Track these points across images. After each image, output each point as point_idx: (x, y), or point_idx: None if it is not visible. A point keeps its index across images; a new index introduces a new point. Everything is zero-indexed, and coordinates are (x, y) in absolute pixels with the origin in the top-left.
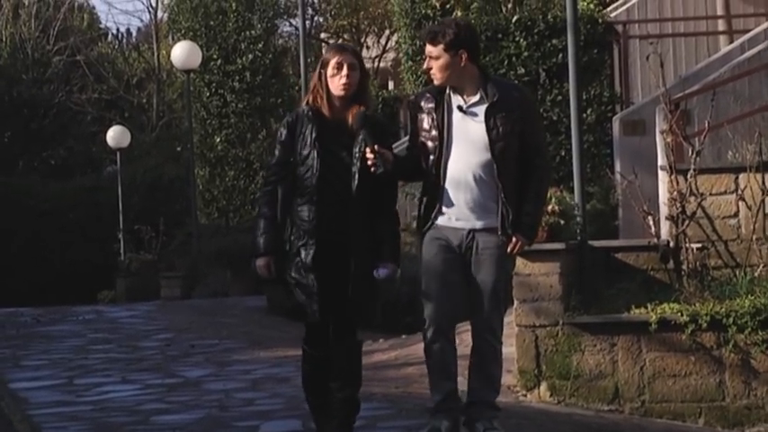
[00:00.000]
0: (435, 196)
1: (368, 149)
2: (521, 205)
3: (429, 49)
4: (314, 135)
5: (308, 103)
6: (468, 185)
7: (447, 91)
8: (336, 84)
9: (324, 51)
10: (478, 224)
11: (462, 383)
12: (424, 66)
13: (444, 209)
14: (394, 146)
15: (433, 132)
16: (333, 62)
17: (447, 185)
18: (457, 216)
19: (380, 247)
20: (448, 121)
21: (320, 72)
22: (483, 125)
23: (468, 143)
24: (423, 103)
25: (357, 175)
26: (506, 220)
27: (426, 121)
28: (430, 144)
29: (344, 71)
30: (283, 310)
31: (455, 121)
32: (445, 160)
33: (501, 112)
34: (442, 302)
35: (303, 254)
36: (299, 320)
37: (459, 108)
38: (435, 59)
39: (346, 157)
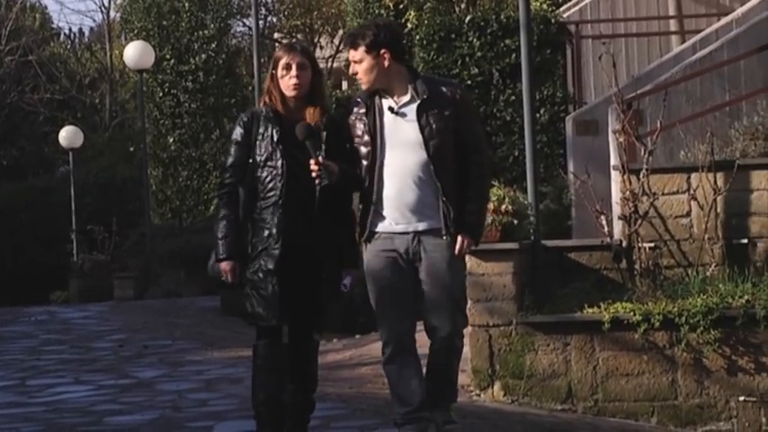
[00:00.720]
0: (372, 202)
1: (312, 161)
2: (463, 204)
3: (351, 53)
4: (276, 136)
5: (265, 103)
6: (407, 188)
7: (377, 95)
8: (286, 84)
9: (276, 51)
10: (421, 226)
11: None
12: (350, 71)
13: (384, 214)
14: None
15: (366, 138)
16: (282, 62)
17: (385, 190)
18: (397, 220)
19: (342, 253)
20: (380, 124)
21: (272, 72)
22: (415, 124)
23: (402, 145)
24: (355, 110)
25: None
26: (448, 219)
27: (358, 127)
28: (363, 150)
29: (293, 71)
30: (238, 311)
31: (387, 123)
32: (380, 164)
33: (432, 109)
34: (397, 319)
35: (265, 258)
36: (251, 324)
37: (390, 109)
38: (359, 63)
39: (305, 159)
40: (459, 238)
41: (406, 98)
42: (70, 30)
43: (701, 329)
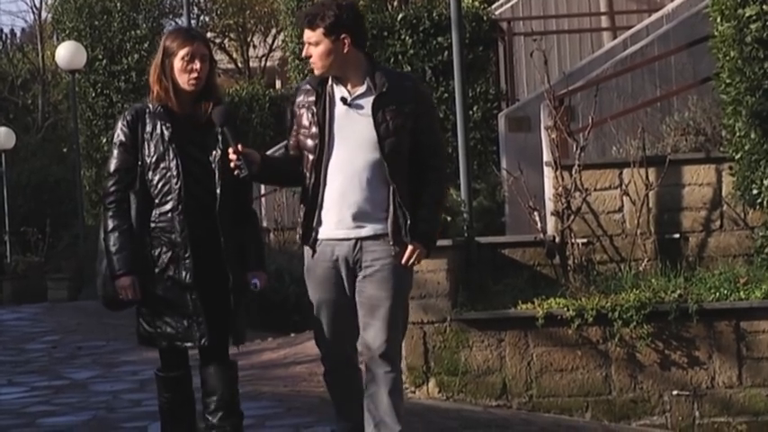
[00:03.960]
0: (315, 203)
1: (230, 150)
2: (416, 211)
3: (307, 34)
4: (167, 133)
5: (155, 98)
6: (353, 189)
7: (329, 82)
8: (186, 77)
9: (165, 38)
10: (363, 232)
11: None
12: (303, 53)
13: (326, 217)
14: (274, 149)
15: (313, 129)
16: (182, 53)
17: (328, 190)
18: (339, 224)
19: (247, 255)
20: (330, 115)
21: (163, 62)
22: (370, 119)
23: (353, 140)
24: (302, 97)
25: (219, 176)
26: (403, 227)
27: (306, 117)
28: (309, 142)
29: (196, 64)
30: (141, 338)
31: (338, 115)
32: (326, 160)
33: (391, 105)
34: (336, 335)
35: (175, 270)
36: (155, 346)
37: (343, 100)
38: (314, 46)
39: (203, 157)
40: (411, 247)
41: (362, 89)
42: (2, 31)
43: (634, 324)
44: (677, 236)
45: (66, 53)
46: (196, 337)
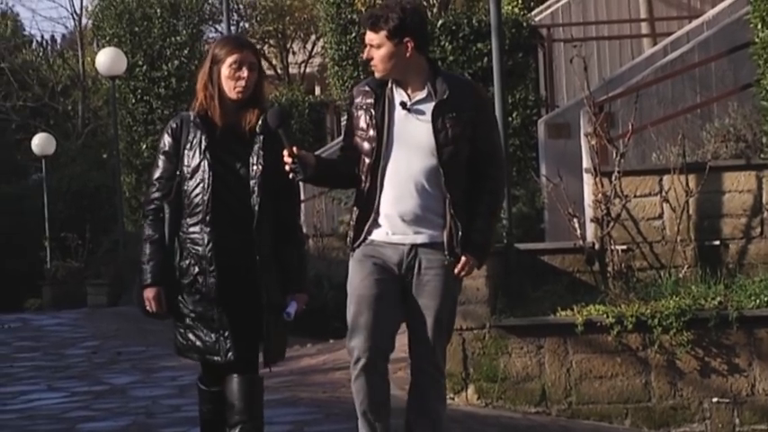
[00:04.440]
0: (370, 206)
1: (285, 152)
2: (470, 221)
3: (370, 36)
4: (204, 143)
5: (198, 105)
6: (410, 194)
7: (389, 85)
8: (232, 85)
9: (214, 46)
10: (419, 239)
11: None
12: (364, 55)
13: (380, 221)
14: (319, 151)
15: (371, 132)
16: (230, 60)
17: (384, 194)
18: (394, 230)
19: (287, 275)
20: (389, 119)
21: (211, 69)
22: (429, 126)
23: (411, 146)
24: (360, 98)
25: (257, 189)
26: (455, 237)
27: (363, 119)
28: (366, 145)
29: (244, 72)
30: (177, 349)
31: (397, 119)
32: (383, 165)
33: (451, 112)
34: (372, 333)
35: (203, 283)
36: (190, 358)
37: (403, 105)
38: (377, 48)
39: (241, 168)
40: (464, 258)
41: (422, 94)
42: (42, 37)
43: (674, 331)
44: (717, 243)
45: (107, 59)
46: (223, 352)
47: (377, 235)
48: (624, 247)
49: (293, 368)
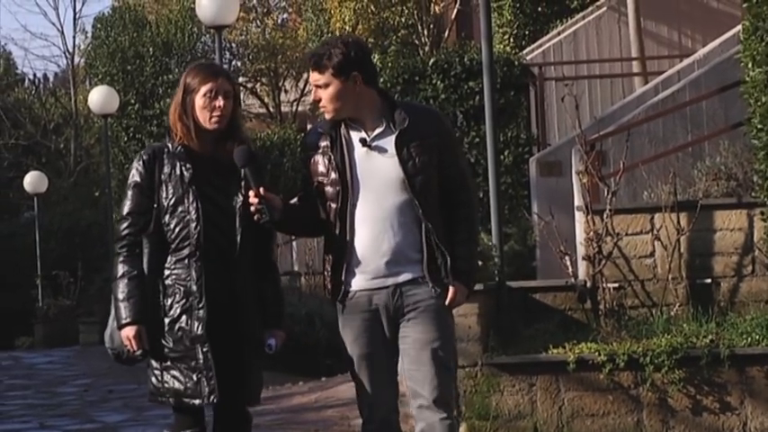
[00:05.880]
0: (343, 253)
1: (251, 193)
2: (451, 249)
3: (315, 76)
4: (188, 175)
5: (175, 137)
6: (385, 233)
7: (342, 125)
8: (207, 115)
9: (186, 74)
10: (402, 278)
11: None
12: (312, 97)
13: (356, 269)
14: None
15: (333, 175)
16: (204, 89)
17: (357, 238)
18: (374, 274)
19: (267, 311)
20: (350, 159)
21: (184, 100)
22: (395, 159)
23: (378, 183)
24: (315, 142)
25: (240, 222)
26: (443, 266)
27: (322, 163)
28: (330, 190)
29: (220, 101)
30: (150, 394)
31: (358, 158)
32: (351, 207)
33: (414, 141)
34: (377, 394)
35: (188, 321)
36: (162, 403)
37: (363, 142)
38: (324, 88)
39: (224, 201)
40: (452, 289)
41: (380, 128)
42: (35, 75)
43: (666, 369)
44: (709, 281)
45: (99, 97)
46: (205, 394)
47: (356, 284)
48: (616, 284)
49: (284, 406)
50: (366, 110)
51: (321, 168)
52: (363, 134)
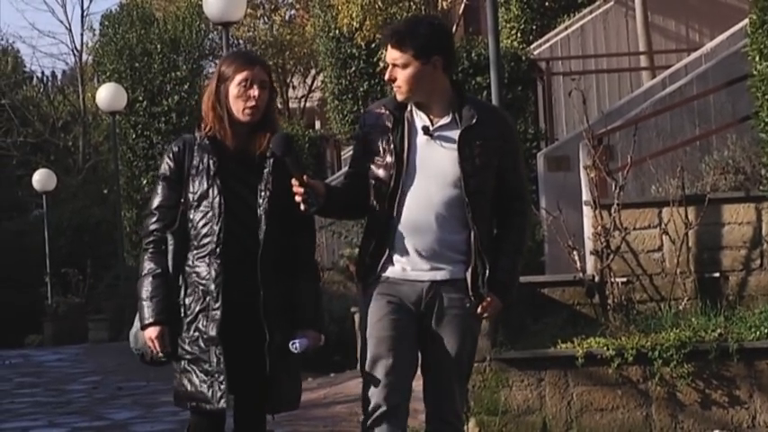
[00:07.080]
0: (385, 240)
1: (295, 182)
2: (495, 259)
3: (394, 54)
4: (213, 169)
5: (205, 128)
6: (429, 227)
7: (409, 108)
8: (241, 105)
9: (221, 63)
10: (439, 275)
11: None
12: (386, 76)
13: (396, 257)
14: (334, 177)
15: (388, 158)
16: (239, 78)
17: (401, 226)
18: (412, 266)
19: (299, 311)
20: (409, 145)
21: (218, 88)
22: (455, 153)
23: (432, 175)
24: (376, 121)
25: (264, 219)
26: (481, 276)
27: (379, 144)
28: (382, 172)
29: (255, 91)
30: (175, 398)
31: (419, 145)
32: (401, 195)
33: (478, 140)
34: (393, 378)
35: (203, 321)
36: (190, 409)
37: (425, 130)
38: (402, 68)
39: (250, 197)
40: (489, 299)
41: (446, 120)
42: (43, 73)
43: (675, 363)
44: (717, 275)
45: (107, 95)
46: (216, 398)
47: (392, 272)
48: (624, 279)
49: None
50: (436, 97)
51: (378, 149)
52: (427, 122)
